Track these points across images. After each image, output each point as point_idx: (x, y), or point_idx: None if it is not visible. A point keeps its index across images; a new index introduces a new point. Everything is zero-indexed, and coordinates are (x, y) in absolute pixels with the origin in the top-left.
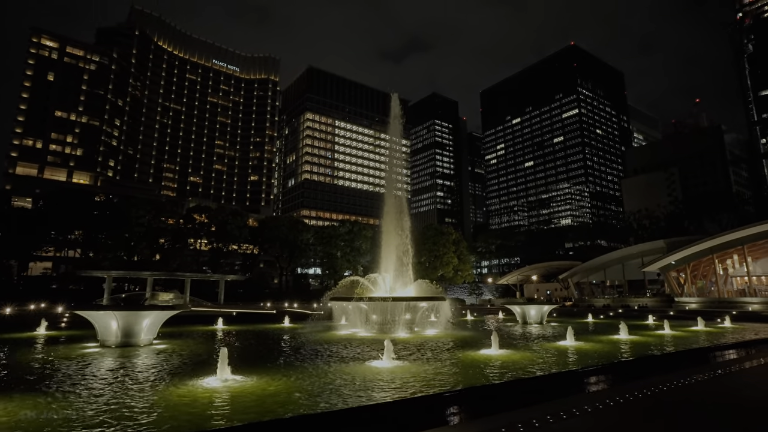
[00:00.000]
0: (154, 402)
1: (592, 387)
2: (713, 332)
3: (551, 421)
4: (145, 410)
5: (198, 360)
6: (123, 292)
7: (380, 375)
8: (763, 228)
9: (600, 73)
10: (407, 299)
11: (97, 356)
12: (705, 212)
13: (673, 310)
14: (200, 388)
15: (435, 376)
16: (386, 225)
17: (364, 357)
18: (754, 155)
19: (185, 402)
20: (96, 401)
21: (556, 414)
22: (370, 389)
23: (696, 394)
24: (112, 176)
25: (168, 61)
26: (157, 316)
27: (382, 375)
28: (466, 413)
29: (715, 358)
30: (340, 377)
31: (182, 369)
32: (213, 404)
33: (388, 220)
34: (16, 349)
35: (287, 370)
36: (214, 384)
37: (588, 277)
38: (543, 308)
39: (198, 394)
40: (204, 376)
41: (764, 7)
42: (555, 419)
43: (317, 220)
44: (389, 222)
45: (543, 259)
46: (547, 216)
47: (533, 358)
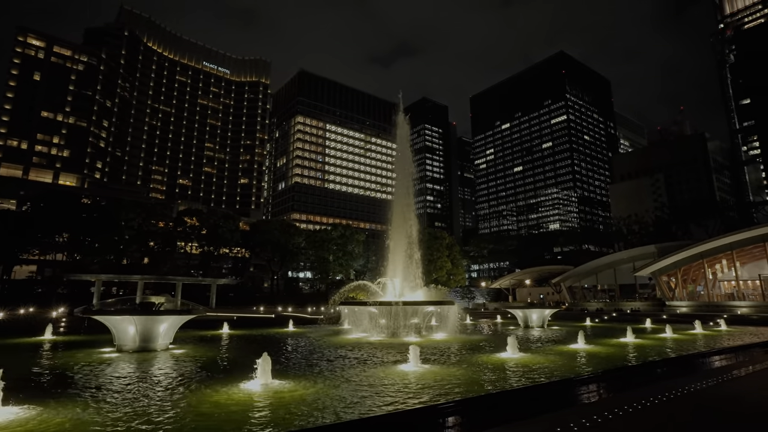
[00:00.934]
0: (219, 403)
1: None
2: (713, 335)
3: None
4: (215, 413)
5: (227, 365)
6: (111, 296)
7: (417, 378)
8: (751, 234)
9: (587, 80)
10: (418, 303)
11: (121, 361)
12: (692, 218)
13: (666, 314)
14: (249, 391)
15: (470, 378)
16: (394, 231)
17: (390, 361)
18: (736, 163)
19: (248, 403)
20: (160, 406)
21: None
22: (418, 391)
23: (727, 395)
24: (99, 178)
25: (157, 62)
26: (174, 320)
27: (418, 378)
28: (519, 414)
29: (727, 360)
30: (380, 381)
31: (217, 373)
32: (285, 406)
33: (396, 227)
34: (34, 355)
35: (323, 374)
36: (255, 388)
37: (580, 281)
38: (544, 312)
39: (254, 397)
40: (242, 381)
41: (744, 19)
42: (603, 418)
43: (307, 223)
44: (397, 228)
45: (534, 263)
46: (535, 221)
47: (555, 361)
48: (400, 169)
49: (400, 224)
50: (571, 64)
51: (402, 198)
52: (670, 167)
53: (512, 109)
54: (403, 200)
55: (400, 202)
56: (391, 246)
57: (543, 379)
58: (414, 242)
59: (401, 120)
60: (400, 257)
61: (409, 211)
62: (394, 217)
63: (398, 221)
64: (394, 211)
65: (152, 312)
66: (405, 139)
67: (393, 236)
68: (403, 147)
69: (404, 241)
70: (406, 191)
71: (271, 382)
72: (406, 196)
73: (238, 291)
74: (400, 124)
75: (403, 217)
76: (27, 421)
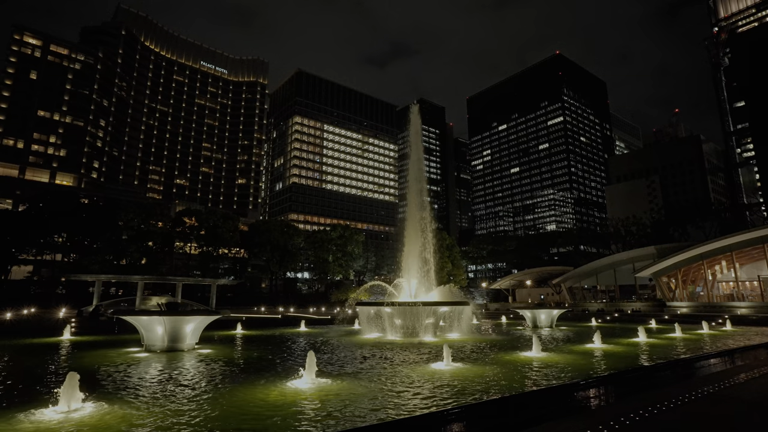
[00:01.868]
0: (274, 398)
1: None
2: (721, 335)
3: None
4: (275, 405)
5: (263, 363)
6: (109, 297)
7: (454, 376)
8: (751, 236)
9: (584, 82)
10: (436, 304)
11: (155, 361)
12: (689, 220)
13: (667, 314)
14: (298, 388)
15: (506, 376)
16: (409, 233)
17: (420, 360)
18: (730, 165)
19: (304, 398)
20: (221, 401)
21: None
22: (463, 388)
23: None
24: (96, 178)
25: (155, 61)
26: (201, 321)
27: (455, 376)
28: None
29: (747, 358)
30: (416, 380)
31: (258, 372)
32: (342, 401)
33: (411, 229)
34: (68, 355)
35: (363, 373)
36: (303, 385)
37: (580, 281)
38: (552, 312)
39: (307, 393)
40: (289, 379)
41: (738, 22)
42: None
43: (305, 224)
44: (411, 231)
45: (532, 264)
46: (532, 221)
47: (577, 360)
48: (414, 174)
49: (414, 227)
50: (568, 66)
51: (415, 201)
52: (666, 169)
53: (509, 110)
54: (416, 203)
55: (414, 205)
56: (406, 248)
57: (573, 377)
58: (428, 244)
59: (415, 125)
60: (414, 259)
61: (423, 215)
62: (408, 219)
63: (412, 224)
64: (408, 214)
65: (181, 312)
66: (418, 144)
67: (407, 238)
68: (416, 151)
69: (418, 242)
70: (419, 195)
71: (316, 380)
72: (420, 199)
73: (237, 291)
74: (414, 129)
75: (417, 219)
76: (104, 415)
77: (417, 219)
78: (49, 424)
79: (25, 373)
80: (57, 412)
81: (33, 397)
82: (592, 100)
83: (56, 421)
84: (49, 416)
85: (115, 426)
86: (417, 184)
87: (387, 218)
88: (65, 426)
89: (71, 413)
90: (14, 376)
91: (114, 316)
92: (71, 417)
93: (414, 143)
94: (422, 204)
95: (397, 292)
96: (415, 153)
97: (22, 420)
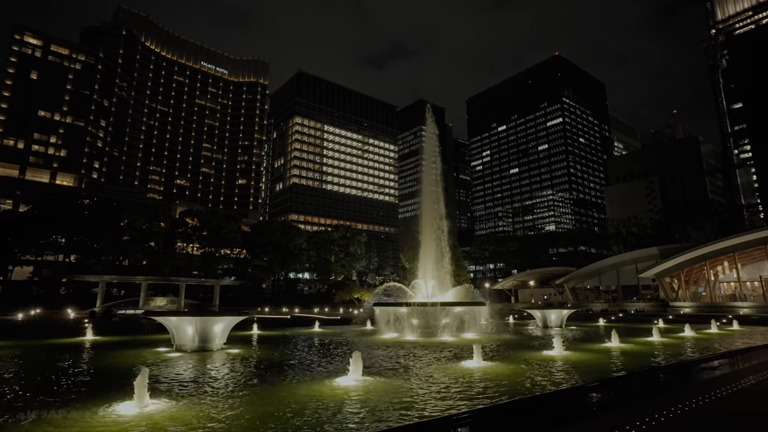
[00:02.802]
0: (327, 393)
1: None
2: (730, 335)
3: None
4: (334, 399)
5: (296, 362)
6: (111, 298)
7: (490, 373)
8: (753, 236)
9: (582, 83)
10: (454, 304)
11: (192, 360)
12: (689, 220)
13: (670, 314)
14: (348, 385)
15: (537, 373)
16: (425, 235)
17: (450, 358)
18: (728, 166)
19: (357, 393)
20: (276, 397)
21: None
22: (501, 384)
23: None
24: (96, 178)
25: (155, 62)
26: (230, 321)
27: (491, 373)
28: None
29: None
30: (458, 376)
31: (303, 371)
32: (397, 396)
33: (427, 233)
34: (104, 355)
35: (400, 371)
36: (351, 383)
37: (583, 282)
38: (563, 312)
39: (358, 390)
40: (336, 376)
41: (736, 24)
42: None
43: (305, 224)
44: (427, 234)
45: (534, 264)
46: (531, 222)
47: (599, 358)
48: (428, 178)
49: (429, 231)
50: (567, 67)
51: (430, 205)
52: (664, 170)
53: (508, 111)
54: (431, 207)
55: (429, 209)
56: (422, 250)
57: (605, 374)
58: (444, 246)
59: (430, 130)
60: (430, 261)
61: (439, 218)
62: (424, 224)
63: (428, 228)
64: (424, 217)
65: (211, 313)
66: (434, 148)
67: (423, 242)
68: (431, 155)
69: (434, 245)
70: (435, 199)
71: (362, 378)
72: (436, 203)
73: (239, 292)
74: (429, 134)
75: (433, 223)
76: (177, 410)
77: (433, 224)
78: (131, 417)
79: (79, 372)
80: (132, 407)
81: (104, 393)
82: (591, 101)
83: (136, 415)
84: (126, 411)
85: (194, 420)
86: (432, 190)
87: (387, 219)
88: (148, 419)
89: (145, 408)
90: (72, 374)
91: (124, 316)
92: (147, 411)
93: (428, 149)
94: (438, 209)
95: (414, 292)
96: (429, 159)
97: (105, 414)
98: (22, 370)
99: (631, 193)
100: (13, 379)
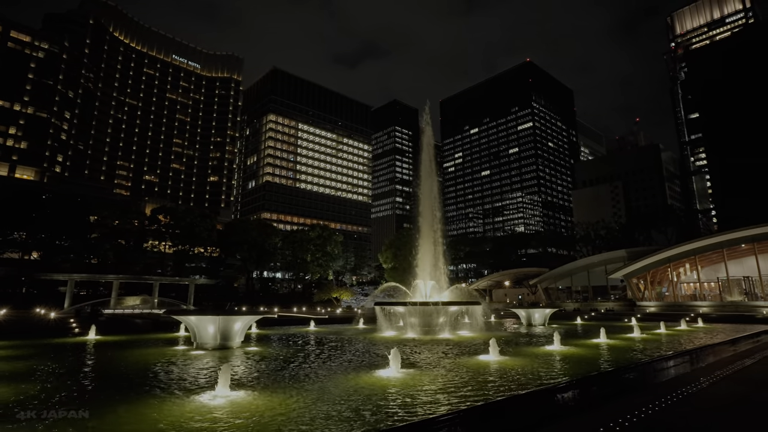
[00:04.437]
0: (376, 383)
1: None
2: (698, 330)
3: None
4: (386, 388)
5: (325, 357)
6: (78, 298)
7: (510, 365)
8: (712, 241)
9: (552, 90)
10: (454, 303)
11: (221, 357)
12: (652, 224)
13: (638, 313)
14: (390, 376)
15: (550, 365)
16: (422, 242)
17: (464, 353)
18: (685, 173)
19: (404, 384)
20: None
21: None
22: (523, 374)
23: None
24: (59, 172)
25: (124, 53)
26: (248, 320)
27: (511, 366)
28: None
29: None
30: (480, 369)
31: (340, 365)
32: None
33: (425, 238)
34: (130, 354)
35: (429, 365)
36: (394, 374)
37: (555, 282)
38: (545, 311)
39: (402, 380)
40: (377, 369)
41: (693, 39)
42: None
43: (278, 223)
44: (425, 239)
45: (507, 265)
46: (501, 224)
47: (596, 351)
48: (427, 186)
49: (427, 236)
50: (537, 73)
51: (428, 212)
52: (628, 175)
53: (481, 114)
54: (429, 214)
55: (427, 215)
56: (420, 254)
57: (612, 364)
58: (439, 250)
59: (428, 136)
60: (427, 264)
61: (435, 224)
62: (422, 229)
63: (426, 233)
64: (422, 222)
65: (231, 312)
66: (431, 156)
67: (421, 245)
68: (428, 164)
69: (431, 248)
70: (431, 206)
71: (402, 371)
72: (432, 210)
73: (213, 291)
74: (427, 141)
75: (430, 228)
76: (252, 400)
77: (430, 229)
78: (226, 404)
79: (123, 369)
80: (215, 397)
81: (171, 387)
82: (559, 106)
83: (229, 402)
84: (208, 400)
85: (274, 406)
86: (430, 198)
87: (360, 218)
88: (249, 405)
89: (229, 397)
90: (119, 371)
91: (112, 316)
92: (231, 400)
93: (426, 159)
94: (434, 216)
95: (412, 293)
96: (426, 168)
97: (193, 401)
98: (62, 368)
99: (597, 196)
100: (69, 376)
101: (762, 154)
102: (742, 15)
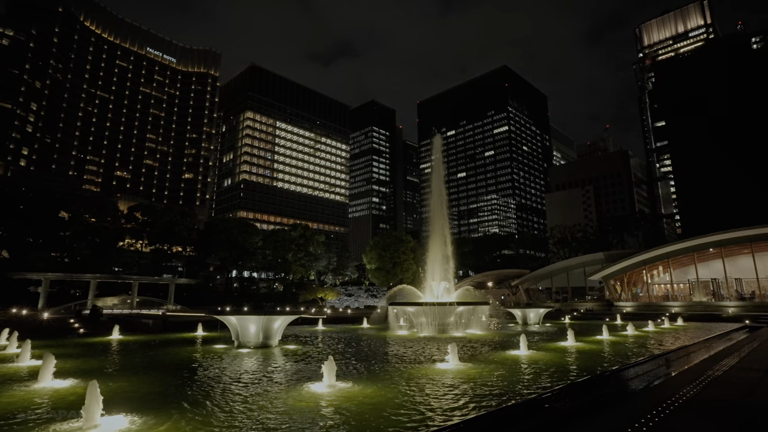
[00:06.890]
0: (437, 372)
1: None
2: (682, 328)
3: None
4: (455, 376)
5: (367, 353)
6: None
7: (539, 359)
8: (684, 245)
9: (527, 94)
10: (465, 304)
11: (274, 356)
12: (624, 228)
13: (617, 313)
14: (450, 368)
15: (576, 358)
16: (432, 246)
17: (491, 349)
18: (651, 178)
19: (466, 374)
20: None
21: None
22: (559, 364)
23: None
24: (25, 166)
25: (96, 44)
26: (285, 320)
27: (540, 359)
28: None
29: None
30: (518, 362)
31: (400, 360)
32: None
33: (434, 243)
34: (180, 353)
35: (479, 360)
36: (454, 367)
37: (536, 283)
38: (540, 311)
39: (463, 371)
40: (437, 362)
41: (659, 51)
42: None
43: (256, 222)
44: (435, 244)
45: (486, 266)
46: (476, 225)
47: (611, 347)
48: (437, 193)
49: (436, 241)
50: (513, 78)
51: (438, 218)
52: (599, 180)
53: (458, 117)
54: (439, 220)
55: (438, 222)
56: (429, 257)
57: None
58: (449, 253)
59: (437, 144)
60: (437, 267)
61: (444, 229)
62: (432, 235)
63: (435, 238)
64: (432, 228)
65: (271, 312)
66: (439, 163)
67: (431, 250)
68: (437, 171)
69: (440, 252)
70: (441, 211)
71: (462, 363)
72: (441, 216)
73: (192, 291)
74: (436, 148)
75: (440, 234)
76: (351, 389)
77: (440, 235)
78: (335, 391)
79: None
80: (324, 386)
81: (293, 379)
82: (533, 111)
83: (336, 391)
84: (317, 389)
85: (375, 394)
86: (439, 205)
87: (337, 218)
88: (358, 393)
89: (334, 387)
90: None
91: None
92: (337, 389)
93: (436, 167)
94: (444, 222)
95: (423, 294)
96: (436, 175)
97: (308, 388)
98: (141, 366)
99: (569, 200)
100: (148, 372)
101: (724, 162)
102: (704, 30)
